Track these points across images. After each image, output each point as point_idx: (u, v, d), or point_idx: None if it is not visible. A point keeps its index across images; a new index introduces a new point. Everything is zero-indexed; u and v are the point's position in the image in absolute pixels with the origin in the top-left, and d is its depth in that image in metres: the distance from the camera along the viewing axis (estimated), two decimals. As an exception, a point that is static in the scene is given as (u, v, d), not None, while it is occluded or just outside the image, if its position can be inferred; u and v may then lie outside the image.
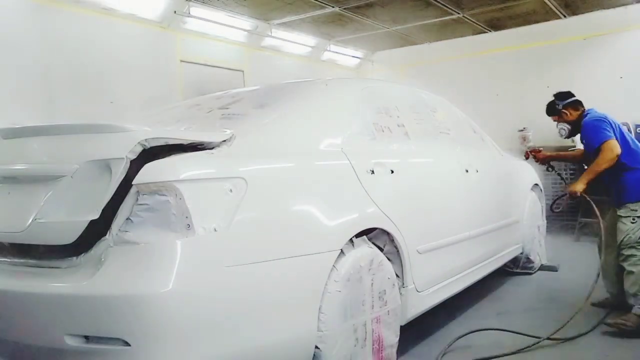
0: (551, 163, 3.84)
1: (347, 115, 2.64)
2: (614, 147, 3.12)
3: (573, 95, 3.49)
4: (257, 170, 1.96)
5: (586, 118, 3.34)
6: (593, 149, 3.21)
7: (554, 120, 3.54)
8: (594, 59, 7.16)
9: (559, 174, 3.88)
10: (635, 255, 3.09)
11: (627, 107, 6.42)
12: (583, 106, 3.48)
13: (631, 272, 3.07)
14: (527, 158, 3.90)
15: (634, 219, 3.14)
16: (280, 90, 2.81)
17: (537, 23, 7.36)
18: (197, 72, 6.38)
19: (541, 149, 3.94)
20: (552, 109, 3.54)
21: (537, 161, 3.88)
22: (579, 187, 3.22)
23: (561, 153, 3.94)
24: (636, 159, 3.21)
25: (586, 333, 2.93)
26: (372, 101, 2.87)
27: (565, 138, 3.56)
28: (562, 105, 3.47)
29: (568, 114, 3.46)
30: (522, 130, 4.01)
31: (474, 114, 4.15)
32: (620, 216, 3.18)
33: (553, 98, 3.55)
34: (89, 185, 1.78)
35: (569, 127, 3.47)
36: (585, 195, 3.26)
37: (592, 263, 3.40)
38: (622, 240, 3.14)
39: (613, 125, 3.23)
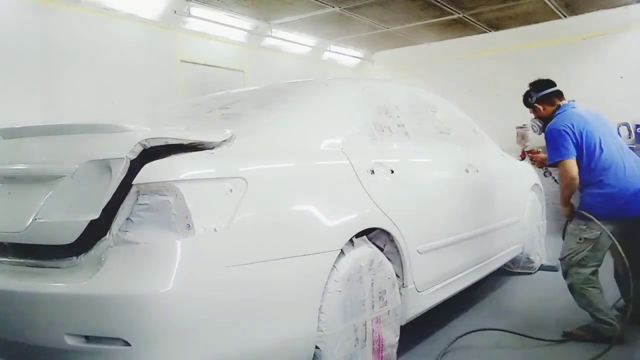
0: (548, 168, 3.26)
1: (347, 115, 2.64)
2: (569, 169, 2.74)
3: (552, 85, 3.03)
4: (257, 170, 1.96)
5: (551, 123, 2.88)
6: (551, 164, 2.93)
7: (530, 113, 3.12)
8: (594, 59, 7.17)
9: (555, 181, 3.31)
10: (579, 273, 2.82)
11: (627, 107, 6.42)
12: (561, 98, 2.99)
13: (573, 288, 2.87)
14: (522, 159, 3.47)
15: (580, 239, 2.80)
16: (280, 90, 2.81)
17: (537, 23, 7.37)
18: (197, 72, 6.39)
19: (540, 150, 3.37)
20: (527, 102, 3.09)
21: (533, 164, 3.45)
22: (565, 211, 2.90)
23: None
24: (608, 173, 2.75)
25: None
26: (372, 101, 2.87)
27: (538, 134, 3.11)
28: (535, 99, 3.01)
29: (541, 109, 3.01)
30: (521, 128, 3.43)
31: (474, 114, 4.15)
32: (568, 230, 2.92)
33: (529, 87, 3.10)
34: (89, 185, 1.78)
35: (541, 124, 3.03)
36: (583, 212, 2.79)
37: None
38: (564, 257, 2.89)
39: (579, 134, 2.76)
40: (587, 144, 2.77)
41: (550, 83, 3.03)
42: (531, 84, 3.07)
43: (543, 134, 2.99)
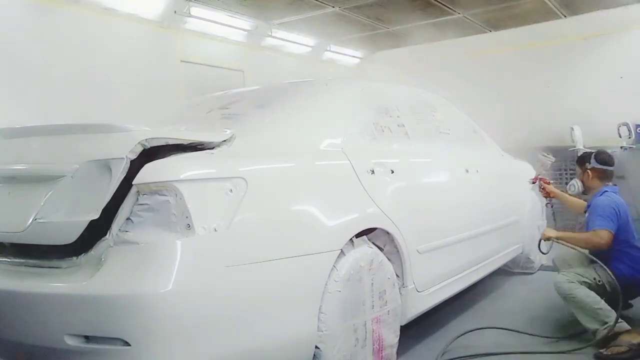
0: (552, 200, 3.65)
1: (347, 115, 2.64)
2: (606, 237, 2.87)
3: (612, 164, 3.23)
4: (257, 170, 1.96)
5: (604, 197, 3.05)
6: (588, 229, 3.00)
7: (580, 173, 3.30)
8: (594, 59, 7.15)
9: (553, 214, 3.77)
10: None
11: (627, 107, 6.41)
12: (610, 180, 3.24)
13: None
14: (534, 182, 3.84)
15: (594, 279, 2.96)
16: (281, 90, 2.81)
17: (537, 23, 7.35)
18: (197, 72, 6.38)
19: (551, 182, 3.73)
20: (582, 161, 3.31)
21: (541, 190, 3.72)
22: (552, 233, 3.09)
23: (567, 197, 3.58)
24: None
25: (584, 332, 2.92)
26: (372, 101, 2.87)
27: (572, 193, 3.39)
28: (592, 166, 3.20)
29: (590, 176, 3.21)
30: (545, 156, 3.79)
31: (475, 114, 4.15)
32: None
33: (593, 152, 3.28)
34: (89, 185, 1.78)
35: (582, 188, 3.28)
36: (560, 242, 3.08)
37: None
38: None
39: (622, 219, 3.00)
40: (625, 226, 3.02)
41: (612, 161, 3.25)
42: (596, 152, 3.26)
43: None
